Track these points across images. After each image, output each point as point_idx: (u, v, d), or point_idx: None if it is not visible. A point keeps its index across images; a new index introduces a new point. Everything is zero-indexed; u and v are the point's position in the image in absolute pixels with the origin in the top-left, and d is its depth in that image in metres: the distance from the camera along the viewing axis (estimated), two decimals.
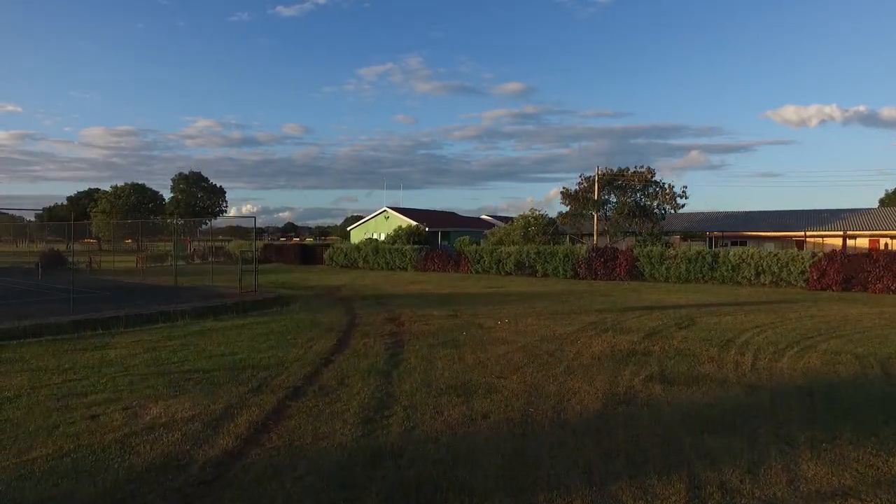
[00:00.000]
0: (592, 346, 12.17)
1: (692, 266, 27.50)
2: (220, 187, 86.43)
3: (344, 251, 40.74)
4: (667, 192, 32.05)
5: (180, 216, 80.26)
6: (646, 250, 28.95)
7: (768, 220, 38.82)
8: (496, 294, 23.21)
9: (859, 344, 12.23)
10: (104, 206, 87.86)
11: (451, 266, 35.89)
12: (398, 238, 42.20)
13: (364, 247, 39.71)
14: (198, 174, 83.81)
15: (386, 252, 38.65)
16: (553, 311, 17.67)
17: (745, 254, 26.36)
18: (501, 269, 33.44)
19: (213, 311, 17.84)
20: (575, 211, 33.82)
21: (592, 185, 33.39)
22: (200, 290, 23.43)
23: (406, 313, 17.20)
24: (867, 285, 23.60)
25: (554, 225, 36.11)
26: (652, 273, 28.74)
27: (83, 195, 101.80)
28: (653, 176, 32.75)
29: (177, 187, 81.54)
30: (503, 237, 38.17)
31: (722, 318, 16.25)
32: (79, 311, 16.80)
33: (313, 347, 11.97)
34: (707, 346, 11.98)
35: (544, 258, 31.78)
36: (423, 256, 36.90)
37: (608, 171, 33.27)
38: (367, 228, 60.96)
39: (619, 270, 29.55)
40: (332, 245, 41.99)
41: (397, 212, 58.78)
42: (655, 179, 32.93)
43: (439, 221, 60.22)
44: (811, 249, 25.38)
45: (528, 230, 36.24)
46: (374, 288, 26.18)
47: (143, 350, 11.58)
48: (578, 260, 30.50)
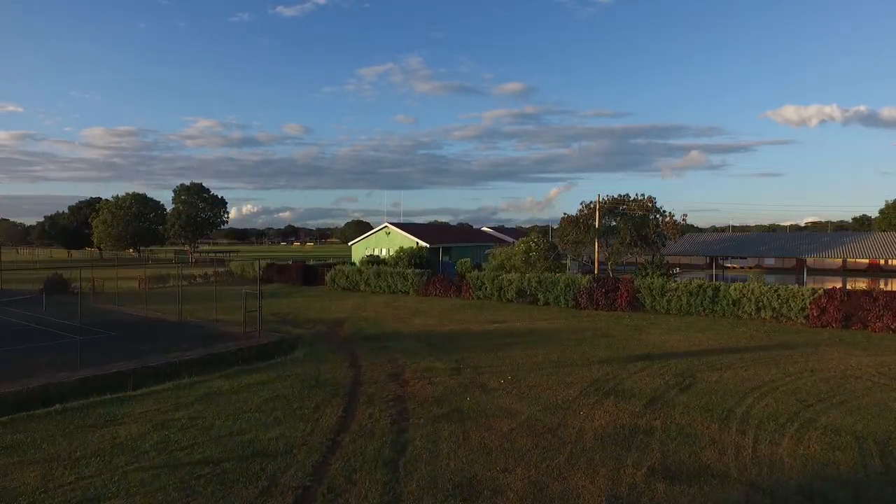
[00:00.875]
0: (595, 418, 12.32)
1: (693, 299, 27.64)
2: (221, 198, 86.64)
3: (346, 274, 40.89)
4: (668, 220, 32.23)
5: (181, 227, 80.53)
6: (646, 282, 29.09)
7: (769, 243, 38.93)
8: (498, 333, 23.34)
9: (859, 417, 12.37)
10: (105, 217, 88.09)
11: (452, 291, 36.03)
12: (399, 260, 42.37)
13: (366, 270, 39.86)
14: (199, 185, 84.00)
15: (388, 275, 38.79)
16: (555, 362, 17.81)
17: (745, 289, 26.50)
18: (503, 297, 33.58)
19: (217, 363, 18.01)
20: (577, 238, 34.00)
21: (594, 212, 33.59)
22: (204, 330, 23.58)
23: (409, 366, 17.35)
24: (867, 323, 23.73)
25: (555, 250, 36.28)
26: (653, 305, 28.87)
27: (84, 204, 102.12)
28: (653, 204, 32.96)
29: (178, 198, 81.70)
30: (504, 261, 38.34)
31: (723, 373, 16.40)
32: (86, 362, 16.94)
33: (320, 421, 12.12)
34: (708, 421, 12.13)
35: (546, 287, 31.92)
36: (425, 281, 37.04)
37: (609, 199, 33.49)
38: (369, 244, 61.12)
39: (620, 301, 29.69)
40: (334, 267, 42.12)
41: (398, 227, 58.93)
42: (657, 206, 33.11)
43: (440, 237, 60.38)
44: (811, 287, 25.49)
45: (529, 255, 36.43)
46: (376, 323, 26.31)
47: (152, 427, 11.73)
48: (580, 290, 30.64)
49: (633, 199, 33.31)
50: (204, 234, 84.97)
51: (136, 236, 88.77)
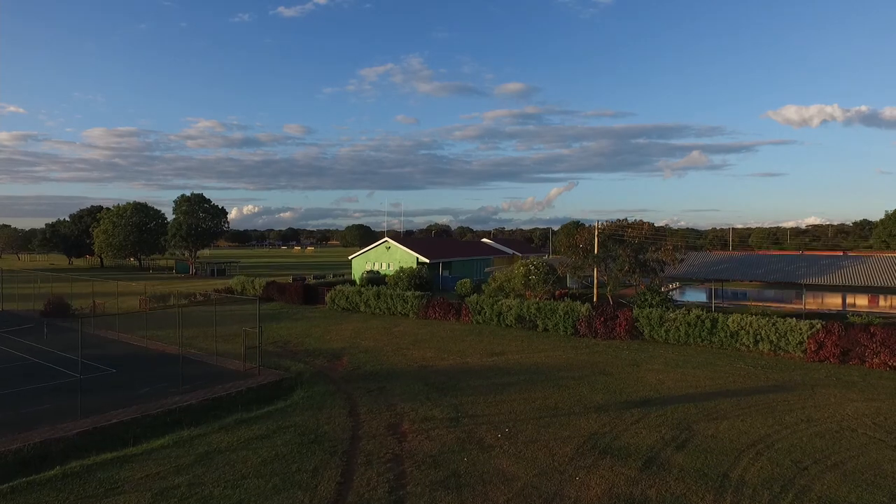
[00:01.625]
0: (590, 486, 12.41)
1: (691, 330, 27.73)
2: (221, 208, 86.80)
3: (346, 295, 41.00)
4: (667, 247, 32.32)
5: (182, 238, 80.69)
6: (645, 312, 29.18)
7: (767, 266, 39.00)
8: (496, 370, 23.42)
9: (853, 485, 12.45)
10: (106, 226, 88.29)
11: (452, 314, 36.13)
12: (399, 280, 42.49)
13: (365, 291, 39.97)
14: (200, 195, 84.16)
15: (387, 297, 38.90)
16: (552, 409, 17.90)
17: (743, 321, 26.58)
18: (502, 322, 33.68)
19: (218, 409, 18.13)
20: (576, 263, 34.11)
21: (594, 238, 33.71)
22: (204, 366, 23.68)
23: (407, 414, 17.44)
24: (864, 359, 23.82)
25: (554, 273, 36.36)
26: (651, 334, 28.97)
27: (85, 213, 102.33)
28: (653, 230, 33.06)
29: (179, 208, 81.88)
30: (504, 282, 38.45)
31: (720, 424, 16.48)
32: (87, 409, 17.04)
33: (319, 489, 12.21)
34: (703, 490, 12.21)
35: (545, 314, 32.02)
36: (425, 304, 37.14)
37: (608, 225, 33.61)
38: (369, 258, 61.24)
39: (619, 330, 29.78)
40: (334, 287, 42.21)
41: (398, 242, 59.07)
42: (657, 230, 33.21)
43: (440, 252, 60.46)
44: (809, 321, 25.55)
45: (528, 279, 36.53)
46: (374, 355, 26.39)
47: (151, 497, 11.83)
48: (579, 318, 30.74)
49: (631, 224, 33.42)
50: (204, 244, 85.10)
51: (137, 245, 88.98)
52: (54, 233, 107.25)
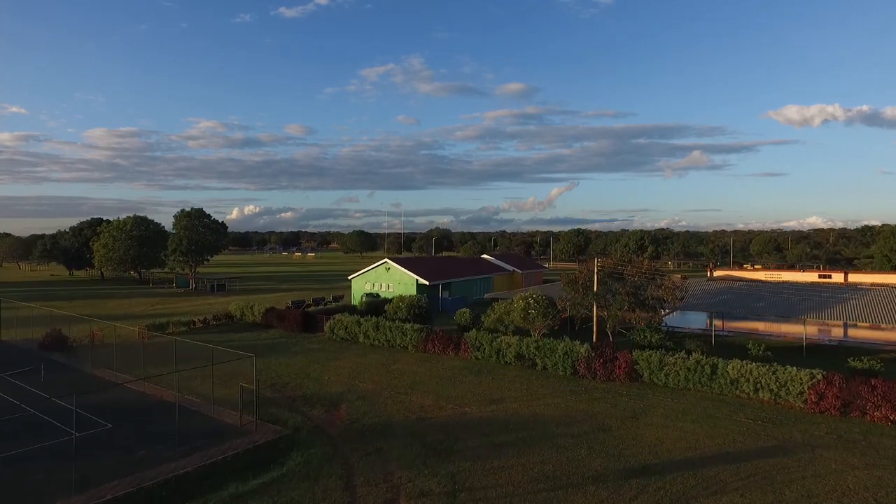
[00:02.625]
0: None
1: (691, 375, 27.57)
2: (222, 223, 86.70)
3: (345, 325, 40.87)
4: (667, 284, 32.17)
5: (182, 253, 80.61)
6: (645, 355, 29.03)
7: (768, 299, 38.76)
8: (495, 424, 23.26)
9: None
10: (106, 240, 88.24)
11: (451, 349, 35.97)
12: (398, 310, 42.35)
13: (364, 322, 39.85)
14: (200, 210, 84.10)
15: (387, 329, 38.76)
16: (550, 479, 17.74)
17: (743, 369, 26.41)
18: (501, 359, 33.54)
19: (213, 476, 18.01)
20: (575, 300, 33.96)
21: (593, 274, 33.56)
22: (201, 418, 23.53)
23: (404, 487, 17.29)
24: (865, 412, 23.64)
25: (554, 307, 36.22)
26: (651, 378, 28.82)
27: (85, 225, 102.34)
28: (652, 267, 32.92)
29: (179, 224, 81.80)
30: (503, 315, 38.29)
31: (719, 500, 16.33)
32: (81, 482, 16.91)
33: None
34: None
35: (544, 353, 31.88)
36: (424, 338, 37.01)
37: (608, 264, 33.47)
38: (369, 278, 61.12)
39: (618, 372, 29.62)
40: (333, 317, 42.08)
41: (397, 263, 58.93)
42: (657, 268, 33.07)
43: (439, 272, 60.29)
44: (809, 370, 25.35)
45: (528, 312, 36.40)
46: (372, 404, 26.21)
47: None
48: (578, 358, 30.59)
49: (631, 260, 33.27)
50: (204, 259, 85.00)
51: (137, 260, 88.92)
52: (55, 244, 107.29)
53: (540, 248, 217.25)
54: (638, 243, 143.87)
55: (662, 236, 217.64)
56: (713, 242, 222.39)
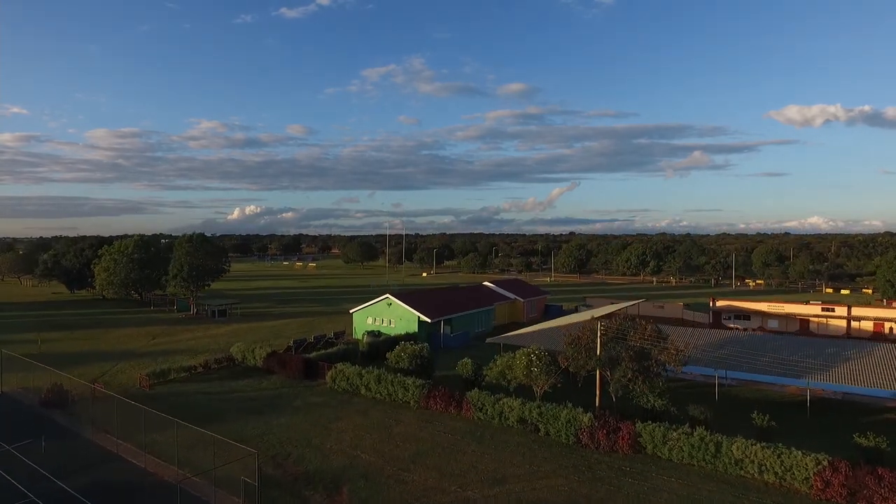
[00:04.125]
0: None
1: (695, 452, 27.39)
2: (223, 247, 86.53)
3: (346, 376, 40.73)
4: (671, 349, 32.05)
5: (183, 279, 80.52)
6: (649, 428, 28.86)
7: (772, 353, 38.53)
8: None
9: None
10: (107, 263, 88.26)
11: (453, 406, 35.81)
12: (400, 360, 42.19)
13: (366, 374, 39.73)
14: (201, 235, 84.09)
15: (388, 382, 38.63)
16: None
17: (748, 450, 26.22)
18: (504, 422, 33.40)
19: None
20: (578, 363, 33.81)
21: (595, 336, 33.42)
22: None
23: None
24: (872, 502, 23.45)
25: (556, 364, 36.04)
26: (654, 451, 28.66)
27: (86, 245, 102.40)
28: (656, 332, 32.80)
29: (181, 249, 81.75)
30: (505, 369, 38.11)
31: None
32: None
33: None
34: None
35: (547, 419, 31.73)
36: (426, 394, 36.88)
37: (610, 325, 33.32)
38: (370, 313, 60.99)
39: (621, 443, 29.45)
40: (335, 367, 41.92)
41: (398, 299, 58.77)
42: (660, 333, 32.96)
43: (441, 307, 60.11)
44: (815, 455, 25.14)
45: (531, 370, 36.23)
46: (375, 483, 26.05)
47: None
48: (581, 427, 30.43)
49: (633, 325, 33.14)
50: (205, 284, 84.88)
51: (138, 283, 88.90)
52: (56, 263, 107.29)
53: (541, 258, 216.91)
54: (639, 258, 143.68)
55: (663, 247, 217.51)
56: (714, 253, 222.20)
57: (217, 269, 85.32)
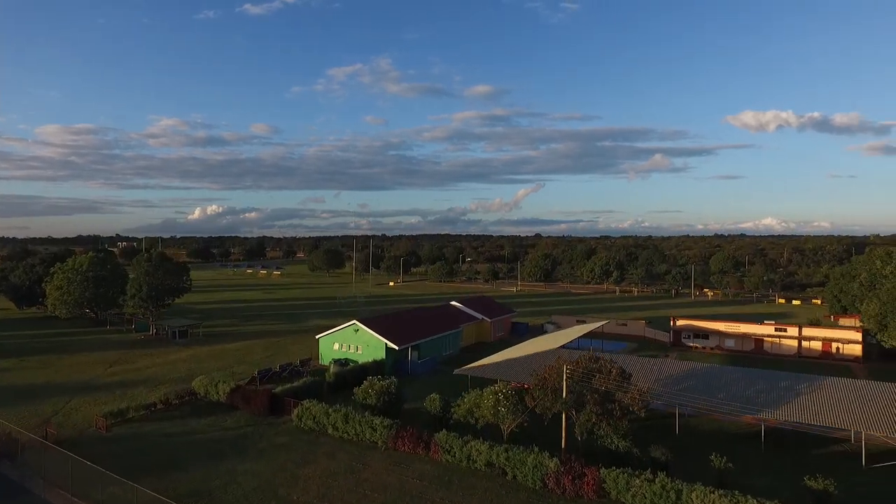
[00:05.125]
0: None
1: (657, 499, 28.18)
2: (184, 264, 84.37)
3: (313, 414, 40.27)
4: (634, 393, 32.90)
5: (142, 299, 78.13)
6: (612, 475, 29.57)
7: (726, 389, 40.01)
8: None
9: None
10: (60, 282, 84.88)
11: (421, 448, 35.84)
12: (367, 396, 41.91)
13: (333, 413, 39.37)
14: (161, 253, 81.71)
15: (356, 422, 38.38)
16: None
17: (706, 498, 27.12)
18: (472, 464, 33.62)
19: None
20: (545, 404, 34.37)
21: (562, 378, 34.02)
22: None
23: None
24: None
25: (523, 404, 36.54)
26: (619, 497, 29.38)
27: (37, 262, 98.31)
28: (621, 373, 33.64)
29: (139, 268, 79.27)
30: (473, 407, 38.37)
31: None
32: None
33: None
34: None
35: (514, 463, 32.12)
36: (394, 434, 36.81)
37: (576, 368, 34.00)
38: (337, 338, 60.47)
39: (586, 489, 30.08)
40: (301, 404, 41.38)
41: (366, 325, 58.45)
42: (625, 374, 33.82)
43: (409, 332, 60.08)
44: None
45: (498, 409, 36.61)
46: None
47: None
48: (547, 472, 30.94)
49: (599, 367, 33.91)
50: (165, 303, 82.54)
51: (94, 301, 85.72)
52: (3, 278, 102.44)
53: (508, 265, 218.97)
54: (603, 268, 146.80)
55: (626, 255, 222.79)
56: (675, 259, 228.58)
57: (178, 288, 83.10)
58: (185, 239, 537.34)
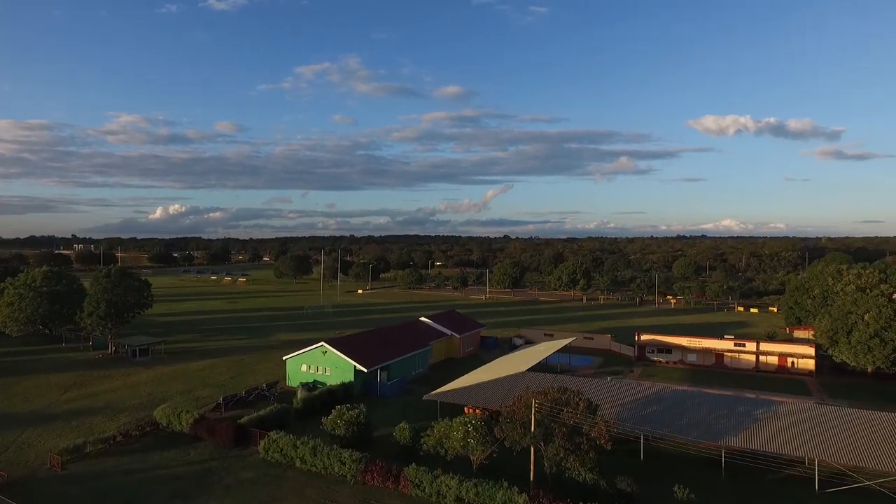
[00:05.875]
0: None
1: None
2: (145, 280, 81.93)
3: (280, 447, 39.60)
4: (600, 426, 33.47)
5: (100, 317, 75.43)
6: None
7: (688, 417, 41.13)
8: None
9: None
10: (10, 298, 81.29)
11: (391, 481, 35.66)
12: (336, 426, 41.40)
13: (301, 446, 38.79)
14: (121, 269, 79.11)
15: (324, 455, 37.91)
16: None
17: None
18: (441, 500, 33.59)
19: None
20: (513, 438, 34.67)
21: (531, 410, 34.37)
22: None
23: None
24: None
25: (492, 436, 36.75)
26: None
27: None
28: (589, 408, 34.21)
29: (98, 285, 76.52)
30: (441, 437, 38.40)
31: None
32: None
33: None
34: None
35: (483, 499, 32.29)
36: (363, 468, 36.53)
37: (544, 401, 34.41)
38: (305, 360, 59.65)
39: None
40: (269, 436, 40.64)
41: (334, 347, 57.84)
42: (592, 406, 34.38)
43: (378, 353, 59.73)
44: None
45: (467, 441, 36.73)
46: None
47: None
48: None
49: (567, 402, 34.39)
50: (126, 321, 79.91)
51: (48, 318, 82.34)
52: None
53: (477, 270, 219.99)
54: (570, 277, 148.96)
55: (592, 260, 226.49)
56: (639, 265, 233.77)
57: (138, 304, 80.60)
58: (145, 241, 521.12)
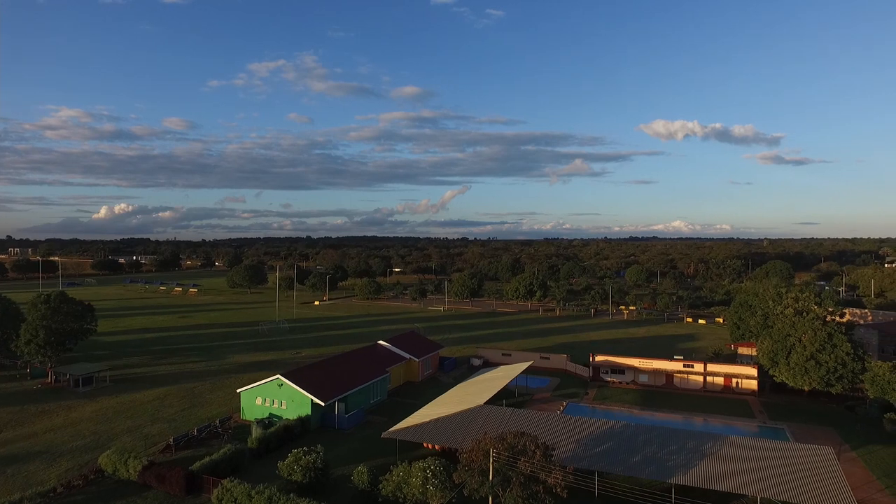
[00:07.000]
0: None
1: None
2: (88, 304, 78.24)
3: (235, 496, 38.53)
4: (557, 474, 34.19)
5: (39, 345, 71.58)
6: None
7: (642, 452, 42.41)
8: None
9: None
10: None
11: None
12: (293, 472, 40.57)
13: (256, 496, 37.78)
14: (62, 293, 75.28)
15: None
16: None
17: None
18: None
19: None
20: (472, 485, 34.96)
21: (489, 458, 34.75)
22: None
23: None
24: None
25: (451, 482, 36.95)
26: None
27: None
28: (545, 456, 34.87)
29: (36, 311, 72.55)
30: (400, 483, 38.35)
31: None
32: None
33: None
34: None
35: None
36: None
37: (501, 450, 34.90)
38: (260, 393, 58.27)
39: None
40: (222, 484, 39.51)
41: (290, 380, 56.78)
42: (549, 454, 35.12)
43: (334, 385, 58.99)
44: None
45: (427, 488, 36.80)
46: None
47: None
48: None
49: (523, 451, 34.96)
50: (67, 349, 76.10)
51: None
52: None
53: (437, 278, 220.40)
54: (527, 288, 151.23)
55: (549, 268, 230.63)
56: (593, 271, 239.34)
57: (81, 330, 76.92)
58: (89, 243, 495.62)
